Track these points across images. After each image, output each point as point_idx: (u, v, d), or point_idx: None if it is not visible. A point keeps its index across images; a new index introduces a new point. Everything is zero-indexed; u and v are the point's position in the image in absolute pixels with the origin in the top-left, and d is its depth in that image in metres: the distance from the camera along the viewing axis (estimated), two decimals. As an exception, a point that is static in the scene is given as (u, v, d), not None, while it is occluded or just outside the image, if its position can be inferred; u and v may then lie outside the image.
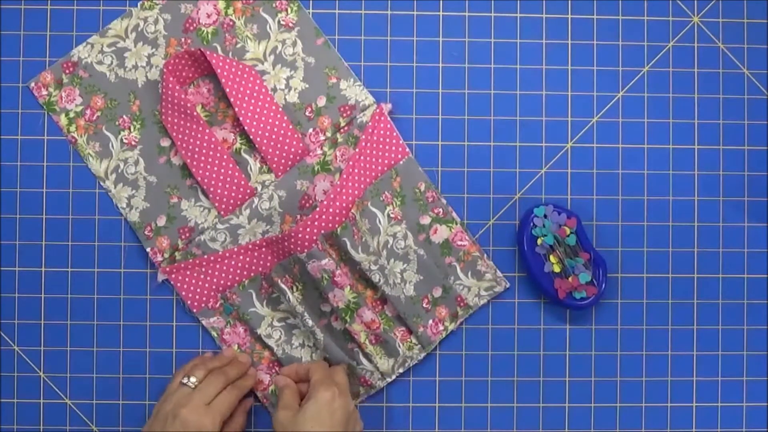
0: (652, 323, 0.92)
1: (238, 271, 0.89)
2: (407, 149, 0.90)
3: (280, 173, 0.90)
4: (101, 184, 0.90)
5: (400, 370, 0.90)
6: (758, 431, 0.92)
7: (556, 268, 0.89)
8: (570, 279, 0.89)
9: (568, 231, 0.89)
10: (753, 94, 0.92)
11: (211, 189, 0.89)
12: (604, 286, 0.89)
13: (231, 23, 0.90)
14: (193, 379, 0.83)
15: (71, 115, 0.90)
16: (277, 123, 0.89)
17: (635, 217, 0.92)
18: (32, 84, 0.90)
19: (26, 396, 0.90)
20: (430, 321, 0.90)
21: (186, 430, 0.79)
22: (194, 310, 0.89)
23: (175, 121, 0.87)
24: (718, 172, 0.92)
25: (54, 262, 0.90)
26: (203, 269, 0.88)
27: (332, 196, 0.87)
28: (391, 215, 0.90)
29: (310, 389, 0.83)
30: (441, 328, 0.90)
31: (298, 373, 0.88)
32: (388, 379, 0.90)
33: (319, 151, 0.90)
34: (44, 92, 0.90)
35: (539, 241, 0.89)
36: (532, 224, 0.89)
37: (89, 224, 0.90)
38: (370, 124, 0.88)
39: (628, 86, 0.92)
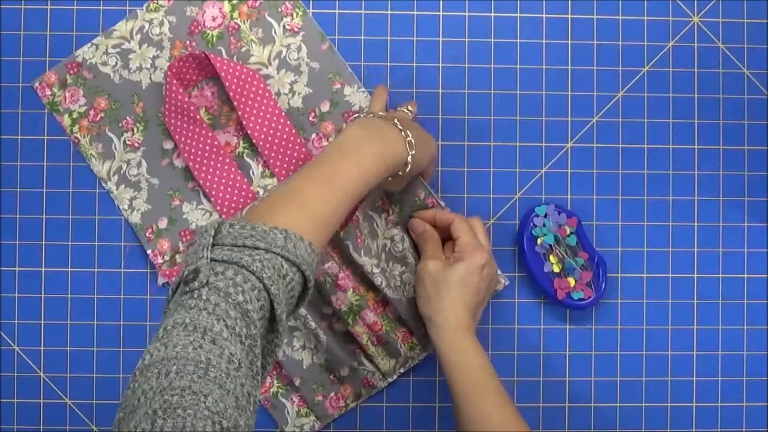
0: (652, 323, 0.92)
1: (238, 273, 0.88)
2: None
3: (282, 178, 0.89)
4: (103, 185, 0.90)
5: (401, 370, 0.90)
6: (758, 431, 0.92)
7: (556, 268, 0.89)
8: (569, 280, 0.88)
9: (568, 231, 0.89)
10: (753, 94, 0.92)
11: (213, 192, 0.88)
12: (604, 286, 0.89)
13: (236, 27, 0.90)
14: None
15: (74, 115, 0.90)
16: (280, 127, 0.89)
17: (635, 217, 0.92)
18: (36, 84, 0.90)
19: (26, 396, 0.90)
20: (431, 321, 0.90)
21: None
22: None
23: (178, 123, 0.87)
24: (718, 172, 0.92)
25: (54, 262, 0.90)
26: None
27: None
28: (387, 219, 0.89)
29: (459, 248, 0.84)
30: (441, 327, 0.90)
31: (438, 220, 0.87)
32: (390, 379, 0.90)
33: (321, 156, 0.89)
34: (48, 92, 0.90)
35: (539, 241, 0.89)
36: (532, 224, 0.89)
37: (89, 224, 0.90)
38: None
39: (628, 86, 0.92)
